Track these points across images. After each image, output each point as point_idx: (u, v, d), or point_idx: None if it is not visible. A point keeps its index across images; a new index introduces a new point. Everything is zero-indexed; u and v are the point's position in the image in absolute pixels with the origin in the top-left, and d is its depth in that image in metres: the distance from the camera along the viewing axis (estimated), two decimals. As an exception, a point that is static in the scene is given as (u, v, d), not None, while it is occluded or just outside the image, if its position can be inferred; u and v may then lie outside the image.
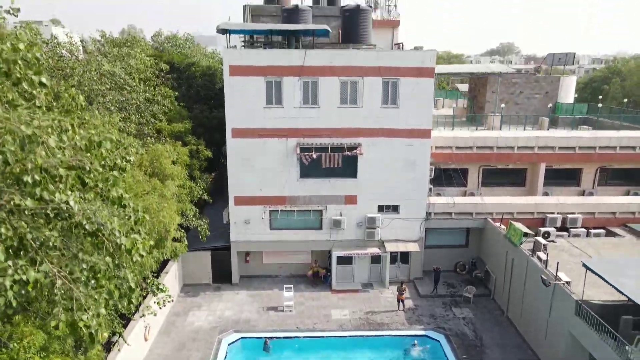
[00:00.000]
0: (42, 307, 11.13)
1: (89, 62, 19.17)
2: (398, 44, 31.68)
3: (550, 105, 33.08)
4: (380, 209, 25.99)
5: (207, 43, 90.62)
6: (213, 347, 21.00)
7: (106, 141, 8.90)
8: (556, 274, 19.33)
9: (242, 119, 24.28)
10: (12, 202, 7.11)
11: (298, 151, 24.53)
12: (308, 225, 26.18)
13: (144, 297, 18.51)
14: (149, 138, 21.77)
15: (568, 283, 18.88)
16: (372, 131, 24.68)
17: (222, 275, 26.83)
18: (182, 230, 21.35)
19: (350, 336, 22.15)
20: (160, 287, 14.23)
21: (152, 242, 9.71)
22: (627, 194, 27.83)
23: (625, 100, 52.74)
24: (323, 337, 22.09)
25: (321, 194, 25.53)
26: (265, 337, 21.61)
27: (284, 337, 21.97)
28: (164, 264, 23.52)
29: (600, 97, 33.51)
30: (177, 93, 29.42)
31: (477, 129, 29.18)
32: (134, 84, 21.86)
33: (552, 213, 26.09)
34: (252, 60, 23.72)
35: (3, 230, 6.99)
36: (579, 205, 26.27)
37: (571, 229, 25.69)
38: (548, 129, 29.69)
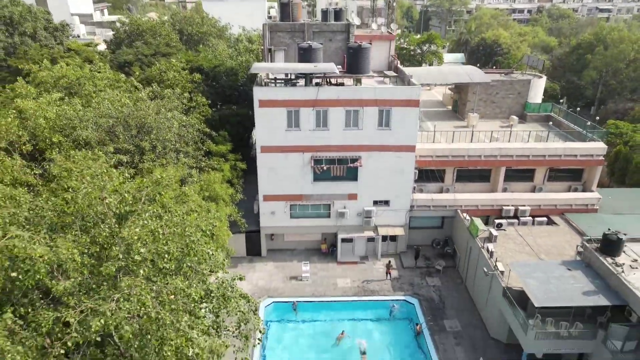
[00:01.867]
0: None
1: (161, 117, 25.97)
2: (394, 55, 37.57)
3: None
4: (375, 203, 33.80)
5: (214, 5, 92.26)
6: (255, 310, 29.90)
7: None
8: (495, 264, 27.59)
9: (269, 139, 31.29)
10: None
11: (312, 163, 31.84)
12: (320, 215, 34.21)
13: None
14: (203, 162, 29.09)
15: (502, 273, 27.19)
16: (370, 147, 31.77)
17: (253, 250, 35.39)
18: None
19: (351, 300, 31.00)
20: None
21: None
22: (570, 188, 35.34)
23: (604, 71, 58.28)
24: (332, 301, 30.97)
25: (329, 193, 33.20)
26: (294, 301, 30.36)
27: (304, 301, 30.84)
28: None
29: (562, 100, 39.78)
30: (209, 101, 36.04)
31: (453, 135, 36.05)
32: (188, 119, 28.77)
33: (507, 205, 33.92)
34: (276, 96, 30.25)
35: None
36: (529, 200, 34.04)
37: (521, 218, 33.66)
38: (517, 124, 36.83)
